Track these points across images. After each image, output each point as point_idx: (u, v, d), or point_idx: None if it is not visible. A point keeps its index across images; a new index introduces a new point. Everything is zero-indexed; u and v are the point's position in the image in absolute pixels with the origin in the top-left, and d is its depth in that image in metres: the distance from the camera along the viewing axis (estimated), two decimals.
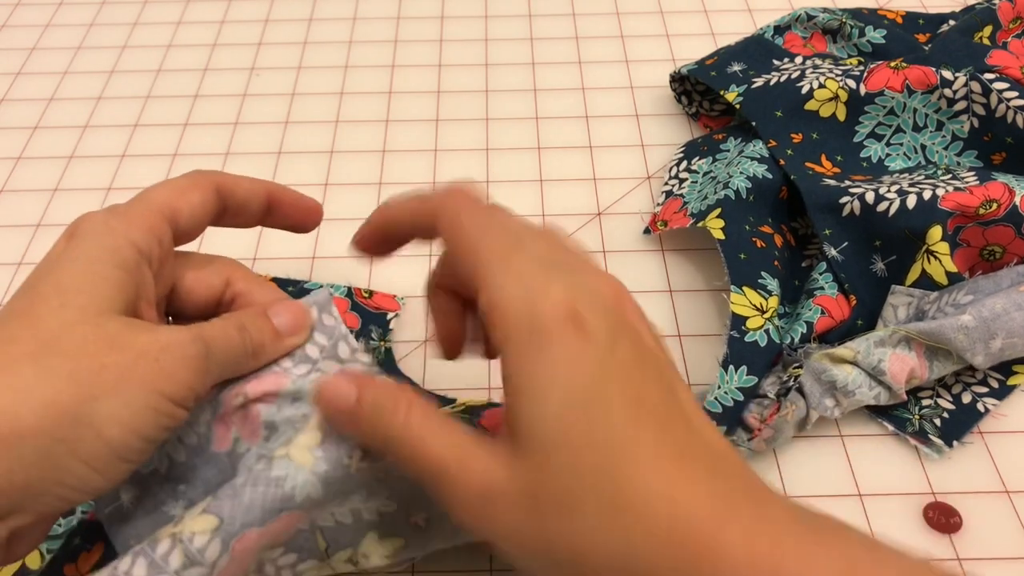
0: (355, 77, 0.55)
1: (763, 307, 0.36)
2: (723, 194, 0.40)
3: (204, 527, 0.23)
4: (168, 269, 0.27)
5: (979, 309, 0.34)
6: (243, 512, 0.24)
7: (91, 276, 0.23)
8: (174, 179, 0.28)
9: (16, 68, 0.56)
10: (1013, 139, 0.42)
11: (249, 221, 0.30)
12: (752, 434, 0.34)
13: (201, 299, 0.28)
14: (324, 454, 0.25)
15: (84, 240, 0.24)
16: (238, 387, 0.26)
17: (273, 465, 0.24)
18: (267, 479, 0.24)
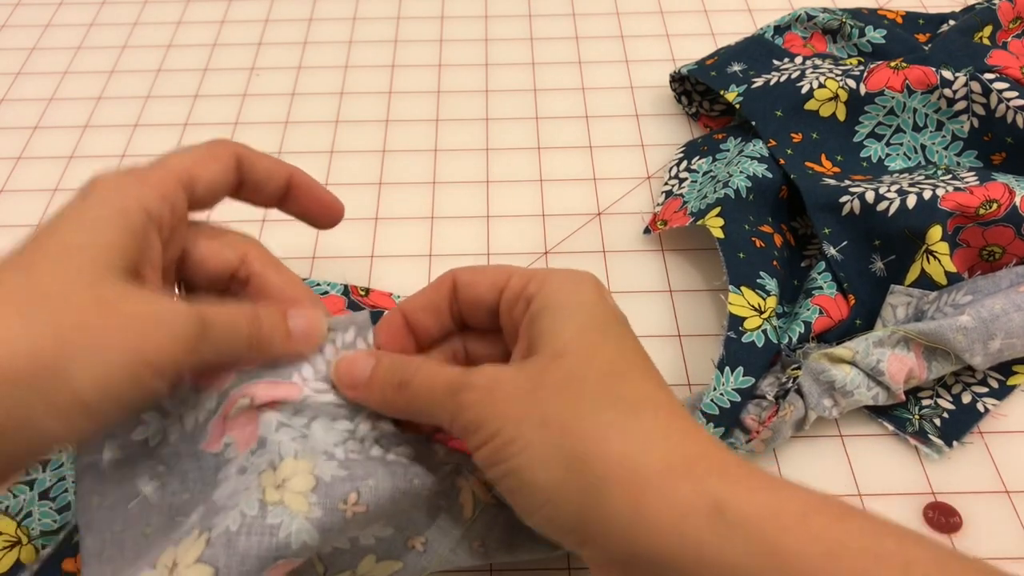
0: (355, 77, 0.55)
1: (761, 307, 0.36)
2: (723, 193, 0.40)
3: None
4: (180, 236, 0.27)
5: (978, 310, 0.34)
6: (239, 562, 0.23)
7: (95, 236, 0.24)
8: (195, 146, 0.28)
9: (16, 68, 0.56)
10: (1013, 139, 0.42)
11: (267, 200, 0.30)
12: (750, 436, 0.34)
13: (213, 271, 0.28)
14: (319, 499, 0.25)
15: (95, 198, 0.24)
16: (248, 387, 0.26)
17: (268, 512, 0.24)
18: (262, 527, 0.24)
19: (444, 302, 0.28)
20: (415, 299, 0.29)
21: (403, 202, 0.47)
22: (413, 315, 0.29)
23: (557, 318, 0.25)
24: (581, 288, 0.26)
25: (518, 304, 0.27)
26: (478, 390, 0.24)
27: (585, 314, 0.25)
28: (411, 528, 0.28)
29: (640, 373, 0.25)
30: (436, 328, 0.29)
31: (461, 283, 0.28)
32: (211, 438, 0.26)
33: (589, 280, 0.27)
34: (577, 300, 0.26)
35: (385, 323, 0.29)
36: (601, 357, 0.24)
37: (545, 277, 0.26)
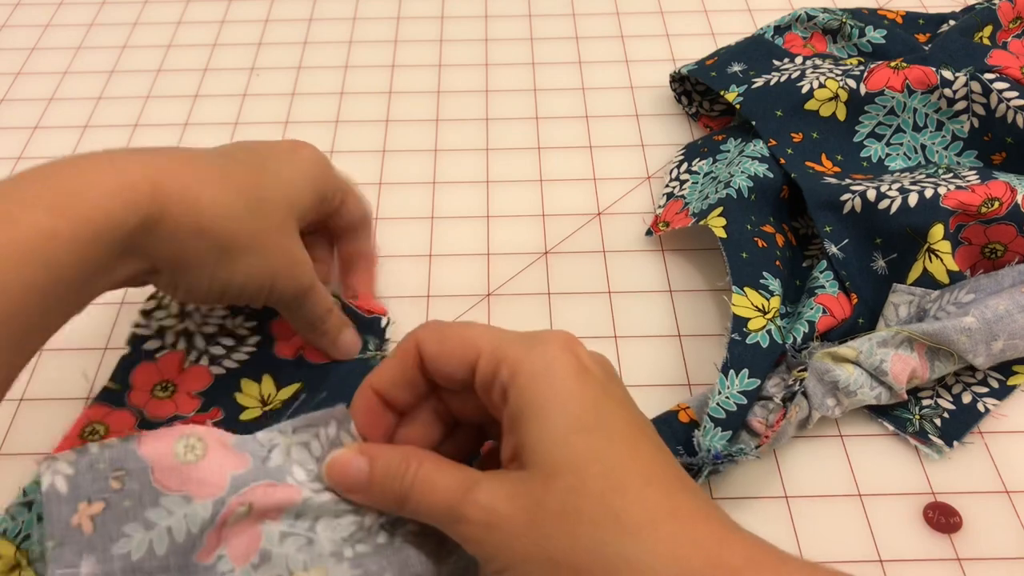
0: (355, 77, 0.55)
1: (765, 308, 0.36)
2: (725, 193, 0.40)
3: None
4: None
5: (982, 311, 0.34)
6: None
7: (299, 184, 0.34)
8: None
9: (16, 68, 0.56)
10: (1013, 139, 0.42)
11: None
12: (760, 440, 0.33)
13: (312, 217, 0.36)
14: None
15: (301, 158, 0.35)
16: (247, 493, 0.25)
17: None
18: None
19: (414, 374, 0.27)
20: (383, 373, 0.28)
21: (403, 202, 0.47)
22: (385, 391, 0.27)
23: (537, 424, 0.23)
24: (556, 374, 0.24)
25: (493, 391, 0.25)
26: (477, 525, 0.23)
27: (568, 413, 0.24)
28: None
29: (639, 480, 0.23)
30: (411, 397, 0.28)
31: (427, 356, 0.27)
32: (205, 549, 0.25)
33: (564, 356, 0.25)
34: (554, 395, 0.24)
35: (360, 406, 0.28)
36: (594, 470, 0.23)
37: (516, 362, 0.24)
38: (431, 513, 0.25)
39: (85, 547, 0.24)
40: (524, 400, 0.24)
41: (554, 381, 0.24)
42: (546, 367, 0.24)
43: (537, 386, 0.24)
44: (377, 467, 0.26)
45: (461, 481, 0.24)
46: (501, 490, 0.24)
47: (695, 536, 0.22)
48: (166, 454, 0.25)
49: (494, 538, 0.23)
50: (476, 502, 0.23)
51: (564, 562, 0.22)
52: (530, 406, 0.24)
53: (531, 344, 0.25)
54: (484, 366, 0.25)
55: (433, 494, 0.24)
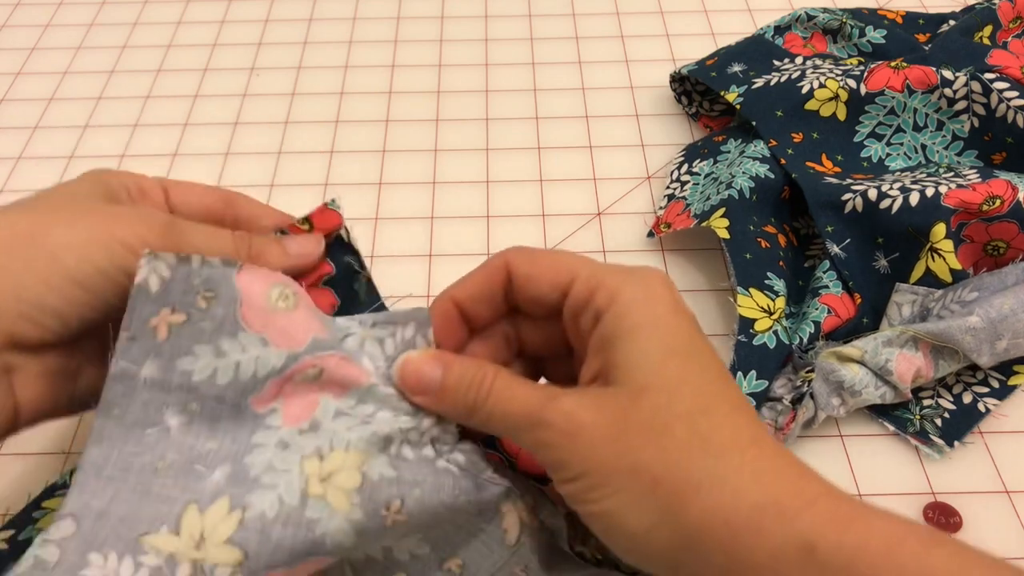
0: (355, 77, 0.55)
1: (770, 308, 0.36)
2: (726, 194, 0.40)
3: (228, 559, 0.22)
4: (156, 199, 0.30)
5: (987, 310, 0.34)
6: (270, 551, 0.23)
7: (73, 185, 0.27)
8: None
9: (16, 68, 0.56)
10: (1013, 139, 0.42)
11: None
12: None
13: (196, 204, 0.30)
14: (362, 501, 0.24)
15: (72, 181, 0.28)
16: (322, 357, 0.25)
17: (308, 505, 0.23)
18: (299, 520, 0.23)
19: (499, 292, 0.27)
20: (466, 286, 0.27)
21: (403, 202, 0.47)
22: (465, 304, 0.27)
23: (634, 345, 0.24)
24: (656, 303, 0.24)
25: (585, 315, 0.25)
26: (557, 431, 0.23)
27: (664, 337, 0.24)
28: (447, 548, 0.27)
29: (726, 406, 0.24)
30: (489, 315, 0.27)
31: (518, 275, 0.26)
32: (264, 396, 0.25)
33: (662, 289, 0.25)
34: (653, 320, 0.24)
35: (438, 314, 0.27)
36: (685, 392, 0.23)
37: (615, 289, 0.25)
38: (507, 420, 0.25)
39: (153, 350, 0.24)
40: (621, 324, 0.24)
41: (654, 308, 0.24)
42: (646, 295, 0.24)
43: (636, 311, 0.24)
44: (452, 374, 0.26)
45: (543, 391, 0.24)
46: (585, 400, 0.24)
47: (777, 464, 0.23)
48: (260, 293, 0.24)
49: (574, 445, 0.23)
50: (560, 409, 0.23)
51: (645, 471, 0.22)
52: (627, 329, 0.24)
53: (630, 273, 0.25)
54: (579, 290, 0.25)
55: (511, 402, 0.24)
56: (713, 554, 0.22)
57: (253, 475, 0.24)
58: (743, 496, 0.22)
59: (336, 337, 0.26)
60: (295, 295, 0.25)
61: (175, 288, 0.23)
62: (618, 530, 0.23)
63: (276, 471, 0.24)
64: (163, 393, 0.24)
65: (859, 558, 0.21)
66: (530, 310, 0.27)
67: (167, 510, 0.23)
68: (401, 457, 0.25)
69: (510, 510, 0.28)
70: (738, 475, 0.22)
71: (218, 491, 0.23)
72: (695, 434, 0.23)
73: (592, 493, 0.23)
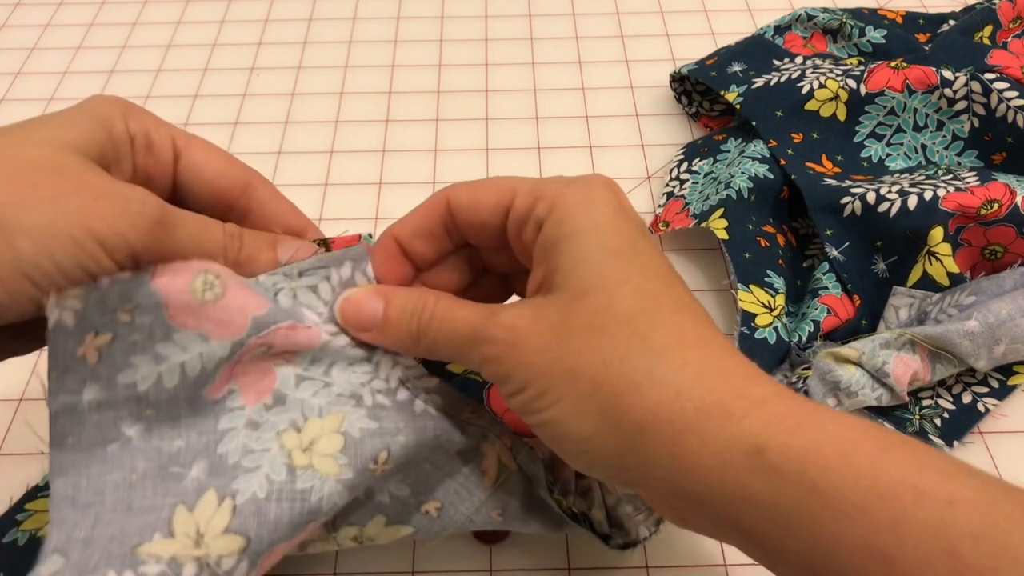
0: (355, 77, 0.55)
1: (771, 305, 0.36)
2: (725, 194, 0.40)
3: (231, 548, 0.22)
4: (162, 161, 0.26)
5: (985, 315, 0.34)
6: (270, 530, 0.23)
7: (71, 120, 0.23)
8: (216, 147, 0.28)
9: (16, 68, 0.56)
10: (1014, 139, 0.42)
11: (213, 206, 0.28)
12: None
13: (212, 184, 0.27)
14: (349, 460, 0.24)
15: (80, 105, 0.25)
16: (268, 335, 0.24)
17: (297, 477, 0.23)
18: (292, 493, 0.23)
19: (439, 227, 0.26)
20: (407, 224, 0.26)
21: (403, 202, 0.46)
22: (407, 242, 0.26)
23: (573, 249, 0.23)
24: (595, 206, 0.24)
25: (527, 227, 0.25)
26: (499, 344, 0.23)
27: (603, 240, 0.23)
28: (426, 491, 0.27)
29: (670, 306, 0.23)
30: (433, 253, 0.27)
31: (458, 206, 0.26)
32: (216, 385, 0.24)
33: (603, 192, 0.24)
34: (592, 223, 0.23)
35: (380, 251, 0.27)
36: (625, 293, 0.22)
37: (555, 196, 0.24)
38: (451, 341, 0.24)
39: (89, 376, 0.22)
40: (561, 229, 0.23)
41: (593, 211, 0.24)
42: (586, 199, 0.24)
43: (576, 216, 0.23)
44: (393, 306, 0.25)
45: (484, 308, 0.24)
46: (525, 310, 0.23)
47: (723, 365, 0.22)
48: (182, 291, 0.23)
49: (516, 355, 0.23)
50: (499, 322, 0.23)
51: (585, 375, 0.22)
52: (567, 234, 0.23)
53: (571, 181, 0.25)
54: (520, 203, 0.25)
55: (453, 323, 0.24)
56: (658, 456, 0.21)
57: (232, 462, 0.23)
58: (685, 396, 0.21)
59: (276, 308, 0.24)
60: (219, 278, 0.23)
61: (92, 313, 0.22)
62: (565, 437, 0.23)
63: (254, 452, 0.24)
64: (112, 409, 0.23)
65: (810, 461, 0.20)
66: (478, 240, 0.27)
67: (155, 517, 0.23)
68: (378, 406, 0.25)
69: (490, 451, 0.28)
70: (680, 374, 0.21)
71: (201, 486, 0.23)
72: (635, 334, 0.22)
73: (536, 403, 0.23)
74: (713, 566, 0.32)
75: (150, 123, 0.26)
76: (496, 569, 0.32)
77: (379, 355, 0.26)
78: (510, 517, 0.28)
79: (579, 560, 0.32)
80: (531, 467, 0.28)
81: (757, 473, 0.20)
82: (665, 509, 0.23)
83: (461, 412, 0.27)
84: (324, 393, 0.25)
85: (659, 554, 0.32)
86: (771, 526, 0.20)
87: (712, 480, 0.21)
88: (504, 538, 0.33)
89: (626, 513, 0.30)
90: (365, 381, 0.26)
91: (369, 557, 0.33)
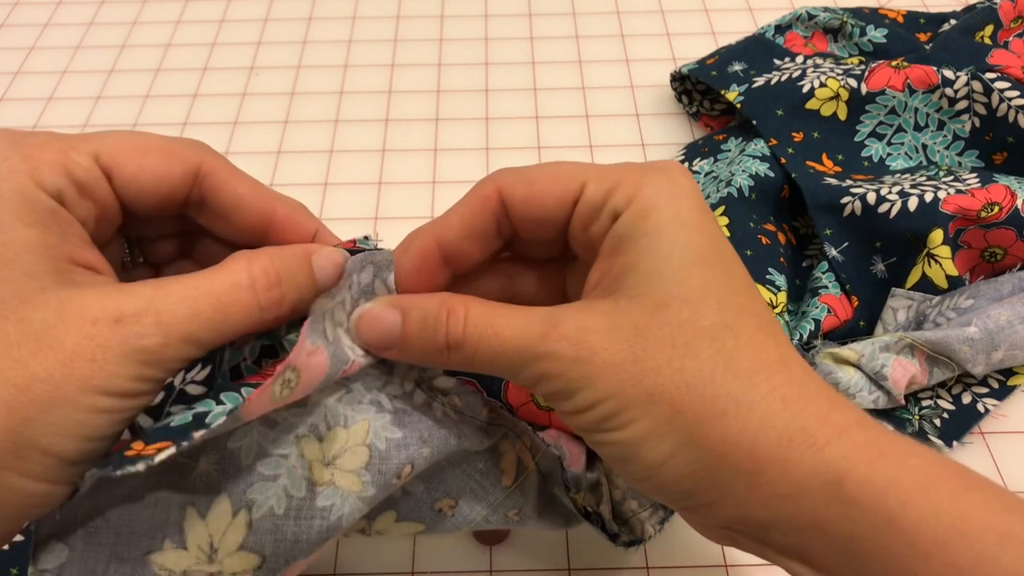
0: (355, 76, 0.55)
1: (773, 302, 0.36)
2: (726, 192, 0.40)
3: (245, 566, 0.21)
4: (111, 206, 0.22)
5: (984, 320, 0.34)
6: (287, 548, 0.22)
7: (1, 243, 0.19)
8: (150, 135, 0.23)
9: (15, 67, 0.56)
10: (1015, 139, 0.42)
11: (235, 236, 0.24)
12: None
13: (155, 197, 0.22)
14: (372, 478, 0.23)
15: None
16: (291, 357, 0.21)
17: (317, 494, 0.22)
18: (311, 511, 0.22)
19: (490, 225, 0.23)
20: (450, 224, 0.23)
21: (403, 202, 0.46)
22: (454, 245, 0.23)
23: (656, 248, 0.21)
24: (681, 199, 0.21)
25: (599, 219, 0.22)
26: (564, 360, 0.20)
27: (689, 242, 0.21)
28: (441, 488, 0.26)
29: (753, 322, 0.21)
30: (480, 254, 0.23)
31: (514, 200, 0.23)
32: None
33: (687, 185, 0.22)
34: (678, 220, 0.21)
35: (416, 258, 0.23)
36: (709, 305, 0.21)
37: (635, 185, 0.21)
38: (497, 358, 0.21)
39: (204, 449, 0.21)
40: (643, 223, 0.21)
41: (678, 207, 0.21)
42: (670, 191, 0.21)
43: (659, 210, 0.21)
44: (412, 318, 0.22)
45: (538, 317, 0.21)
46: (594, 319, 0.21)
47: (806, 389, 0.21)
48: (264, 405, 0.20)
49: (584, 373, 0.20)
50: (565, 336, 0.21)
51: (665, 398, 0.20)
52: (648, 229, 0.21)
53: (650, 168, 0.22)
54: (592, 192, 0.22)
55: (498, 337, 0.21)
56: (732, 485, 0.20)
57: (246, 463, 0.22)
58: (771, 424, 0.20)
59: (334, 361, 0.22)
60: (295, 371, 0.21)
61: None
62: (633, 460, 0.21)
63: (271, 456, 0.22)
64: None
65: (890, 494, 0.19)
66: (534, 235, 0.24)
67: (163, 517, 0.21)
68: (397, 410, 0.24)
69: (509, 449, 0.27)
70: (766, 401, 0.20)
71: (212, 488, 0.22)
72: (720, 354, 0.20)
73: (606, 423, 0.21)
74: (713, 566, 0.32)
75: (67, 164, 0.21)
76: (496, 569, 0.32)
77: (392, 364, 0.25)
78: (525, 516, 0.28)
79: (579, 560, 0.32)
80: (548, 465, 0.27)
81: (833, 503, 0.19)
82: (718, 533, 0.22)
83: (481, 411, 0.26)
84: (348, 399, 0.24)
85: (659, 554, 0.32)
86: (842, 557, 0.20)
87: (785, 508, 0.20)
88: (504, 538, 0.33)
89: (631, 509, 0.29)
90: (379, 386, 0.24)
91: (369, 557, 0.33)
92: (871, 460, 0.19)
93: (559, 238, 0.24)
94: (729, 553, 0.32)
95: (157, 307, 0.19)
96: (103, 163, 0.22)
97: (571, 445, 0.28)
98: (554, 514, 0.29)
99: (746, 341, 0.21)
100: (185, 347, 0.19)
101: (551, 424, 0.29)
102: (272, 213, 0.24)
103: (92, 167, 0.21)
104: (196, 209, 0.24)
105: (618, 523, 0.29)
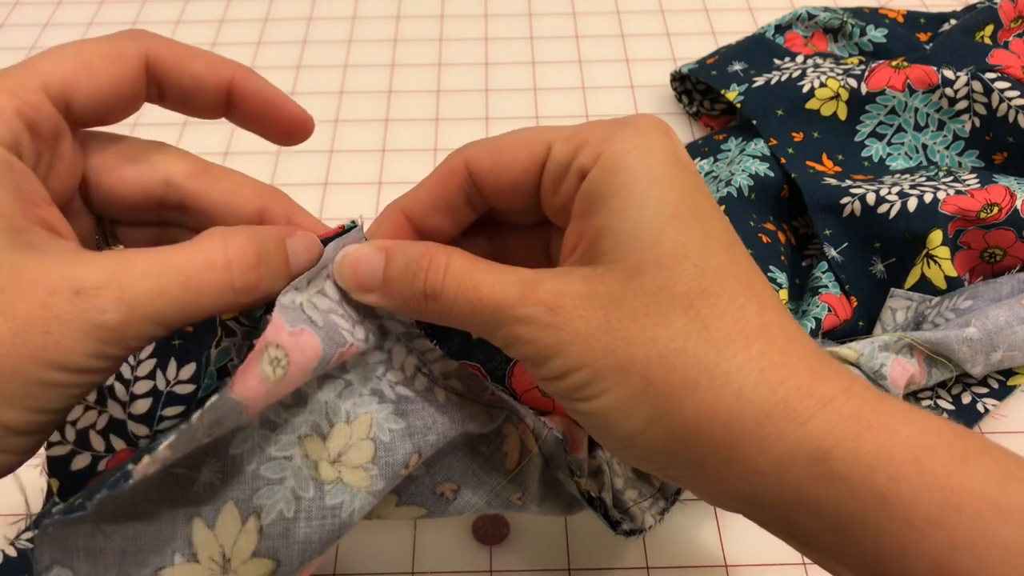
0: (354, 76, 0.55)
1: None
2: (726, 191, 0.40)
3: (261, 572, 0.21)
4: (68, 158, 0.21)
5: (983, 321, 0.34)
6: (300, 550, 0.21)
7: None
8: (83, 43, 0.21)
9: None
10: (1015, 139, 0.42)
11: (203, 111, 0.24)
12: None
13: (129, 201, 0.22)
14: (380, 471, 0.22)
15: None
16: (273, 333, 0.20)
17: (326, 493, 0.22)
18: (321, 510, 0.22)
19: (458, 196, 0.23)
20: (417, 197, 0.23)
21: None
22: (422, 218, 0.23)
23: (626, 208, 0.20)
24: (651, 155, 0.20)
25: (567, 179, 0.21)
26: (537, 325, 0.20)
27: (661, 199, 0.20)
28: (443, 472, 0.26)
29: (732, 285, 0.20)
30: (451, 226, 0.23)
31: (481, 171, 0.22)
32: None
33: (659, 139, 0.21)
34: (649, 176, 0.20)
35: (386, 231, 0.23)
36: (684, 270, 0.20)
37: (602, 141, 0.20)
38: (474, 314, 0.21)
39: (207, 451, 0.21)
40: (611, 180, 0.20)
41: (649, 161, 0.20)
42: (639, 144, 0.20)
43: (628, 165, 0.20)
44: (395, 261, 0.22)
45: (517, 278, 0.21)
46: (571, 286, 0.20)
47: (787, 359, 0.19)
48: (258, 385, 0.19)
49: (557, 339, 0.20)
50: (540, 300, 0.20)
51: (636, 369, 0.19)
52: (618, 187, 0.20)
53: (619, 123, 0.21)
54: (559, 152, 0.21)
55: (476, 292, 0.21)
56: (708, 460, 0.20)
57: (250, 469, 0.22)
58: (747, 397, 0.19)
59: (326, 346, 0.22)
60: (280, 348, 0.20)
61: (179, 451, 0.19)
62: (609, 431, 0.21)
63: (274, 460, 0.22)
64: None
65: (879, 469, 0.18)
66: (507, 204, 0.23)
67: (170, 531, 0.21)
68: (402, 399, 0.24)
69: (512, 432, 0.26)
70: (742, 372, 0.19)
71: (217, 496, 0.21)
72: (694, 322, 0.19)
73: (579, 392, 0.20)
74: (713, 566, 0.32)
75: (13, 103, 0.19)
76: (496, 569, 0.32)
77: (391, 342, 0.24)
78: (527, 500, 0.27)
79: (579, 560, 0.32)
80: (551, 449, 0.27)
81: (820, 481, 0.18)
82: (715, 502, 0.22)
83: (483, 394, 0.25)
84: (348, 393, 0.23)
85: (659, 554, 0.32)
86: (832, 534, 0.19)
87: (768, 485, 0.19)
88: (504, 538, 0.33)
89: (631, 498, 0.29)
90: (380, 373, 0.24)
91: (369, 557, 0.33)
92: (858, 434, 0.18)
93: (534, 205, 0.23)
94: (729, 553, 0.32)
95: (120, 281, 0.18)
96: (53, 94, 0.20)
97: (574, 431, 0.28)
98: (555, 499, 0.28)
99: (723, 308, 0.20)
100: (149, 326, 0.18)
101: (555, 410, 0.29)
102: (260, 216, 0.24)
103: (43, 103, 0.20)
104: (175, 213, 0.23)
105: (619, 512, 0.29)
